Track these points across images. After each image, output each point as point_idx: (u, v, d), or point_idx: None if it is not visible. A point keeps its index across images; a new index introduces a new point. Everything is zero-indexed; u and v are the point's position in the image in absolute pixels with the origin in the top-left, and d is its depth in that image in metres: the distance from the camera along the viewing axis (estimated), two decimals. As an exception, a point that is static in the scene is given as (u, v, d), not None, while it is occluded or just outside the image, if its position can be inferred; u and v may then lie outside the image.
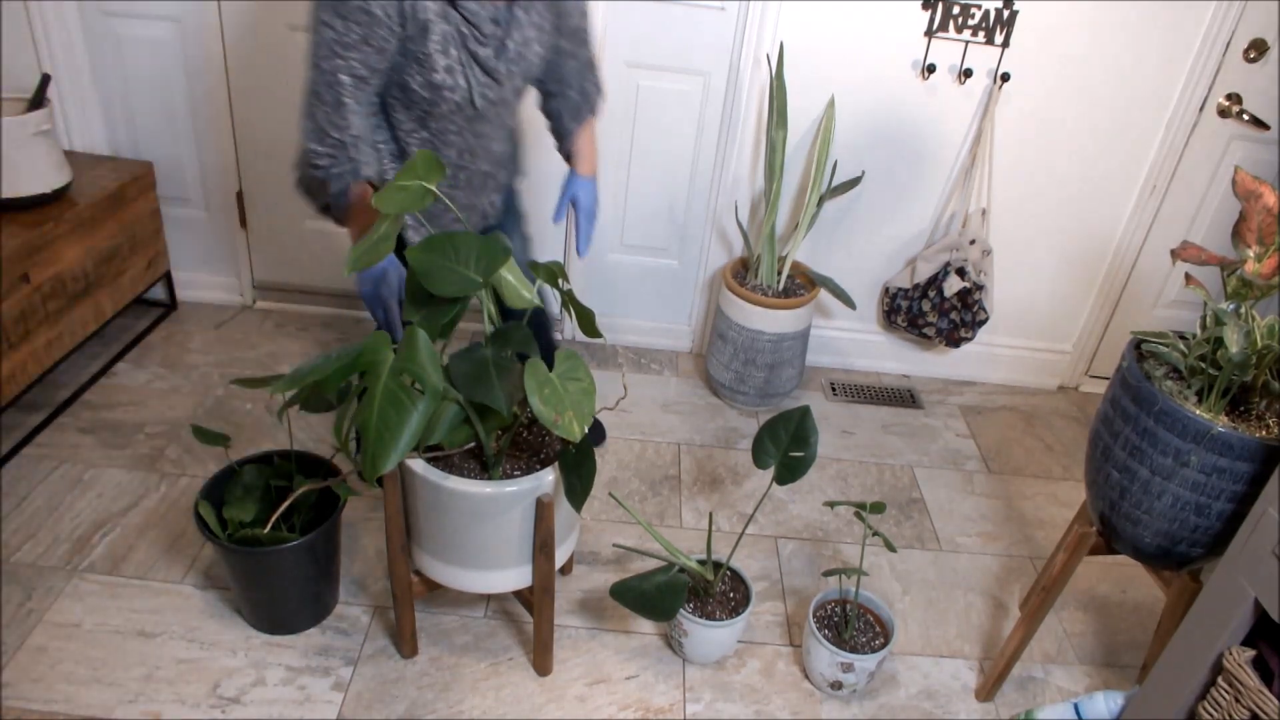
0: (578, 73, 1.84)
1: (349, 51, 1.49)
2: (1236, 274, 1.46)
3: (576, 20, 1.78)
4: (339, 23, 1.47)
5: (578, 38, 1.80)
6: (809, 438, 1.73)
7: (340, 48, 1.48)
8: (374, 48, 1.50)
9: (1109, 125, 2.59)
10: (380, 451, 1.32)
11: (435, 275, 1.43)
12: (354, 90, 1.52)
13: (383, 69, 1.54)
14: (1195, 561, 1.54)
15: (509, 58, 1.65)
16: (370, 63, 1.51)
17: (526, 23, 1.66)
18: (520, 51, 1.66)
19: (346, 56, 1.49)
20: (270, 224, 2.79)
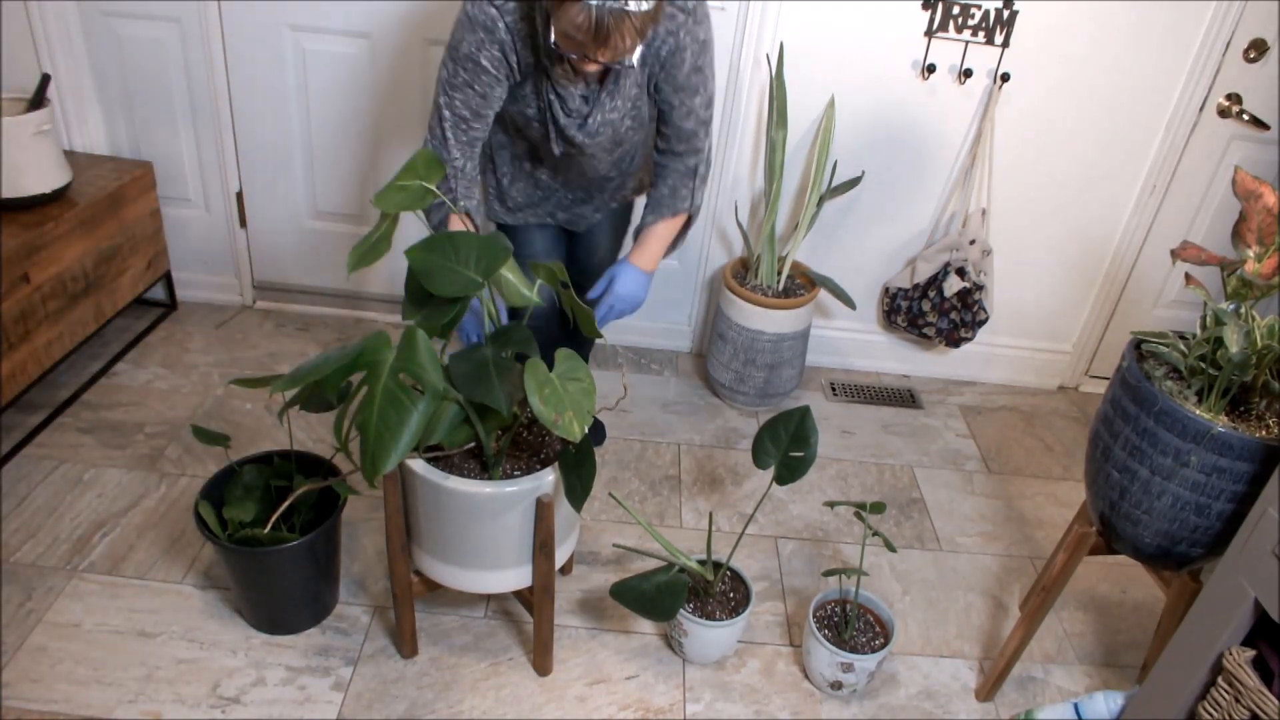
0: (676, 173, 1.84)
1: (455, 92, 1.64)
2: (1236, 274, 1.46)
3: (681, 122, 1.77)
4: (451, 65, 1.63)
5: (682, 138, 1.79)
6: (809, 438, 1.73)
7: (449, 87, 1.64)
8: (477, 92, 1.64)
9: (1109, 125, 2.59)
10: (380, 452, 1.32)
11: (435, 275, 1.43)
12: (454, 127, 1.66)
13: (487, 114, 1.68)
14: (1195, 561, 1.54)
15: (589, 131, 1.72)
16: (473, 105, 1.65)
17: (610, 106, 1.70)
18: (600, 129, 1.72)
19: (452, 95, 1.64)
20: (270, 224, 2.80)
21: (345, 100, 2.58)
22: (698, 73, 1.70)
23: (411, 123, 2.62)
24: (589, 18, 1.40)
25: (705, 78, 1.72)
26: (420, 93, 2.57)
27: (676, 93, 1.72)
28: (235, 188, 2.73)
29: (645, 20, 1.44)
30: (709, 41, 1.70)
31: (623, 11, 1.40)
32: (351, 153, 2.67)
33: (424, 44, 2.50)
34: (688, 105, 1.74)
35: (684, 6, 1.63)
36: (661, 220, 1.87)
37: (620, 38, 1.43)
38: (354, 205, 2.75)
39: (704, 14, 1.67)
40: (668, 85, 1.70)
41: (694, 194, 1.87)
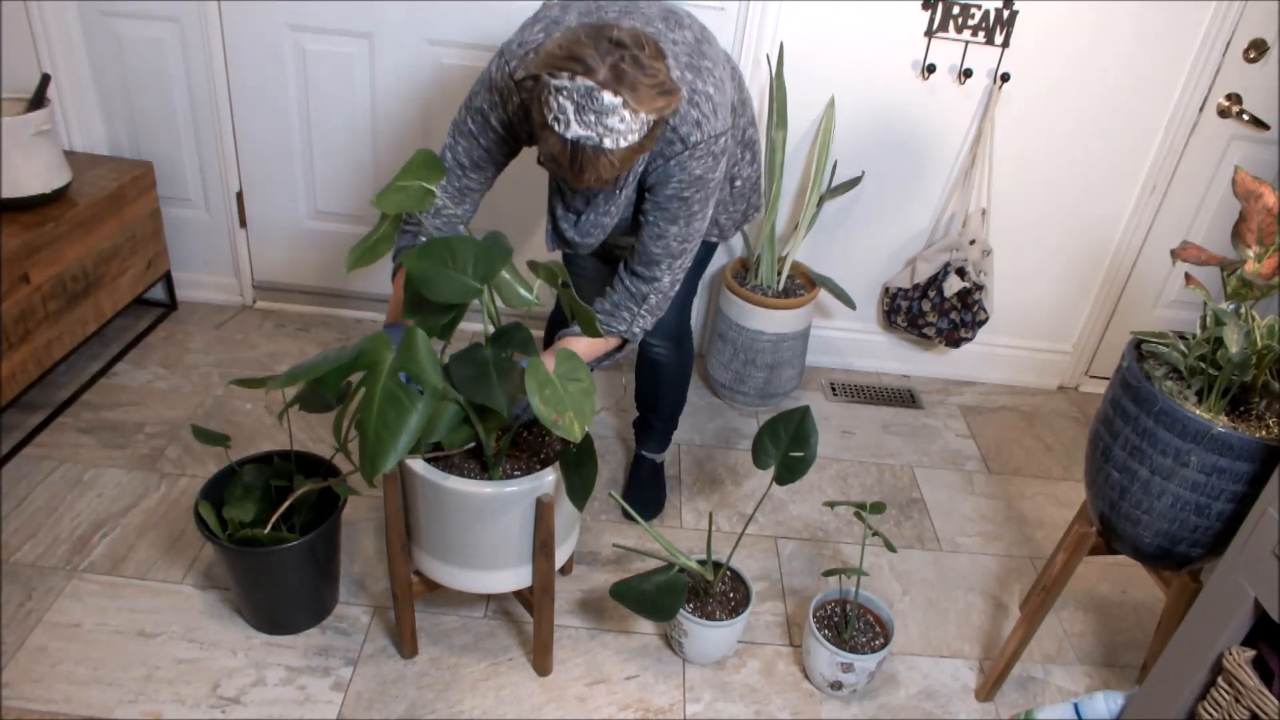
0: (625, 292, 1.70)
1: (460, 139, 1.64)
2: (1236, 274, 1.46)
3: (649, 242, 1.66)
4: (463, 111, 1.63)
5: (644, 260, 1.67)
6: (809, 438, 1.73)
7: (456, 131, 1.64)
8: (481, 146, 1.63)
9: (1109, 125, 2.59)
10: (379, 452, 1.32)
11: (433, 282, 1.42)
12: (450, 171, 1.65)
13: (487, 169, 1.67)
14: (1195, 561, 1.54)
15: (581, 229, 1.68)
16: (474, 155, 1.64)
17: (604, 210, 1.65)
18: (591, 230, 1.67)
19: (457, 140, 1.64)
20: (270, 224, 2.80)
21: (345, 100, 2.58)
22: (680, 202, 1.60)
23: (411, 123, 2.62)
24: (565, 150, 1.35)
25: (691, 211, 1.61)
26: (420, 93, 2.57)
27: (654, 209, 1.62)
28: (235, 188, 2.73)
29: (626, 155, 1.37)
30: (706, 180, 1.59)
31: (598, 148, 1.34)
32: (351, 153, 2.67)
33: (424, 44, 2.50)
34: (660, 228, 1.63)
35: (685, 139, 1.54)
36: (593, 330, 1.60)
37: (596, 171, 1.38)
38: (354, 205, 2.75)
39: (706, 151, 1.56)
40: (649, 199, 1.63)
41: (634, 320, 1.71)
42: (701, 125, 1.54)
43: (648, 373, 2.15)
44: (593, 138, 1.33)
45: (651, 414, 2.23)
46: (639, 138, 1.36)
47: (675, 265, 1.68)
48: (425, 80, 2.55)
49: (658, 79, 1.35)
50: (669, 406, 2.22)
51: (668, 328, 2.02)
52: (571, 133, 1.33)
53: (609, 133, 1.33)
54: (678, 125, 1.53)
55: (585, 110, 1.31)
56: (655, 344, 2.07)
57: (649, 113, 1.35)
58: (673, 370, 2.12)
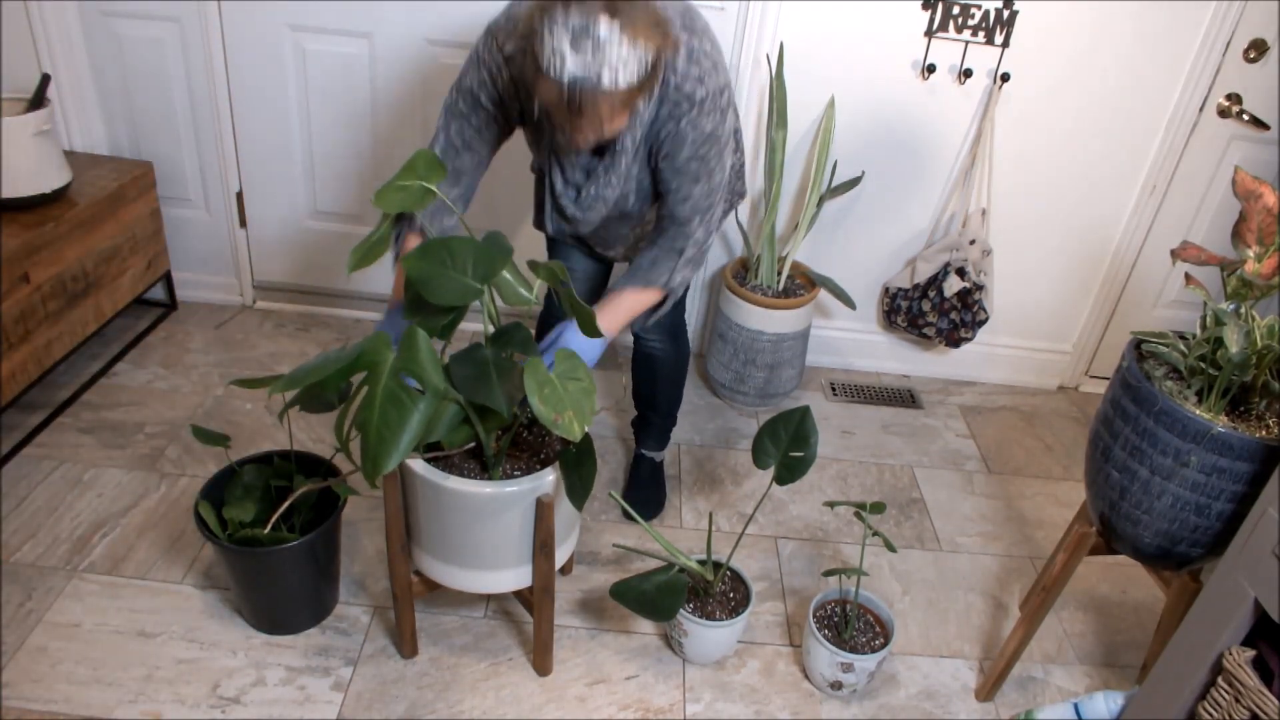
0: (661, 248, 1.71)
1: (452, 120, 1.63)
2: (1236, 274, 1.46)
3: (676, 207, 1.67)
4: (454, 93, 1.62)
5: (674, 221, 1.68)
6: (809, 438, 1.73)
7: (448, 113, 1.64)
8: (472, 126, 1.62)
9: (1109, 125, 2.59)
10: (381, 452, 1.32)
11: (433, 284, 1.42)
12: (444, 153, 1.64)
13: (480, 150, 1.65)
14: (1195, 561, 1.54)
15: (582, 204, 1.68)
16: (465, 136, 1.63)
17: (605, 183, 1.65)
18: (594, 204, 1.68)
19: (449, 122, 1.64)
20: (270, 224, 2.80)
21: (345, 100, 2.58)
22: (699, 161, 1.61)
23: (411, 123, 2.62)
24: (561, 93, 1.32)
25: (710, 167, 1.63)
26: (420, 93, 2.57)
27: (675, 176, 1.63)
28: (235, 188, 2.73)
29: (626, 97, 1.35)
30: (717, 135, 1.60)
31: (596, 87, 1.31)
32: (351, 153, 2.67)
33: (424, 44, 2.50)
34: (685, 191, 1.64)
35: (691, 96, 1.54)
36: (631, 289, 1.71)
37: (596, 114, 1.35)
38: (354, 205, 2.75)
39: (713, 106, 1.57)
40: (667, 166, 1.63)
41: (674, 273, 1.73)
42: (704, 81, 1.54)
43: (644, 369, 2.15)
44: (590, 77, 1.30)
45: (650, 411, 2.24)
46: (637, 77, 1.33)
47: (706, 218, 1.70)
48: (425, 80, 2.55)
49: (651, 14, 1.34)
50: (666, 402, 2.23)
51: (663, 323, 2.02)
52: (568, 72, 1.30)
53: (607, 67, 1.30)
54: (681, 84, 1.53)
55: (581, 42, 1.28)
56: (651, 339, 2.07)
57: (646, 44, 1.32)
58: (669, 365, 2.13)
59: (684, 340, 2.13)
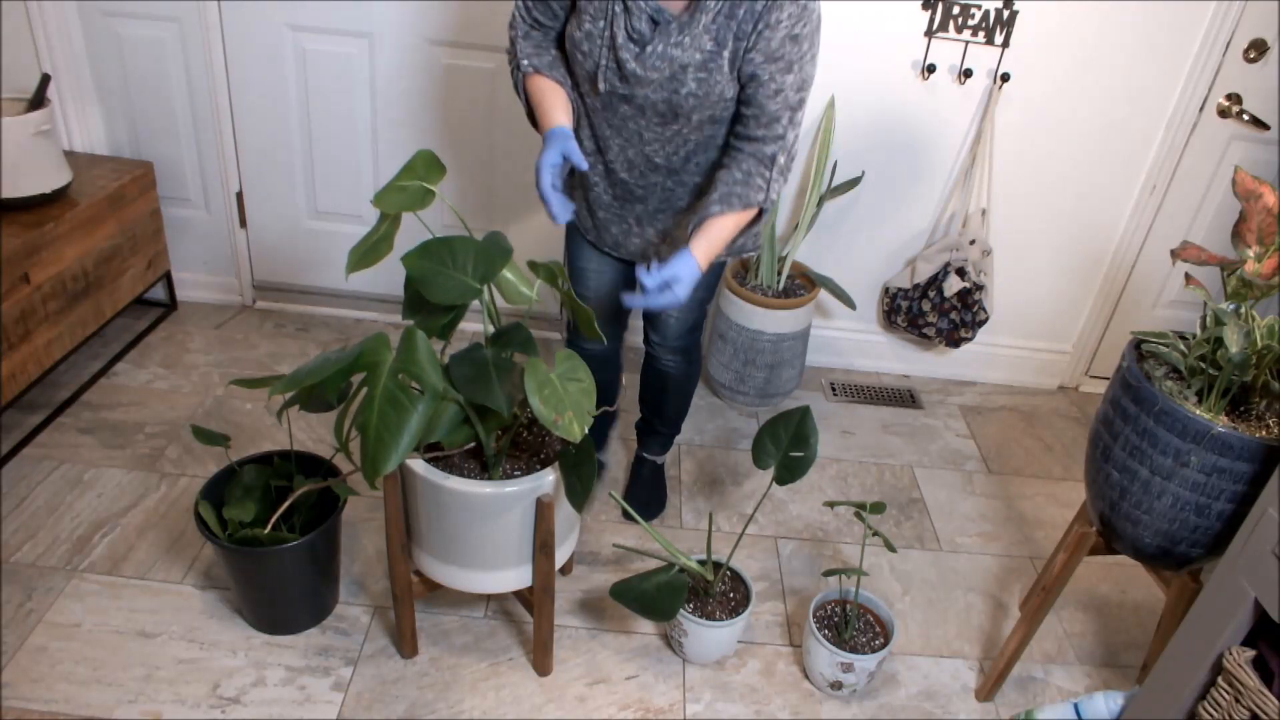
0: (752, 159, 1.59)
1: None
2: (1236, 274, 1.46)
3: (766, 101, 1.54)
4: None
5: (764, 120, 1.56)
6: (809, 438, 1.73)
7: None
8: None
9: (1109, 125, 2.59)
10: (380, 453, 1.32)
11: (432, 283, 1.42)
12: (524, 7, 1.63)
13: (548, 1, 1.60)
14: (1195, 561, 1.54)
15: (645, 60, 1.52)
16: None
17: (676, 41, 1.50)
18: (658, 62, 1.51)
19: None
20: (270, 224, 2.80)
21: (345, 100, 2.58)
22: (794, 42, 1.48)
23: (411, 123, 2.62)
24: None
25: (802, 52, 1.50)
26: (420, 93, 2.57)
27: (766, 63, 1.49)
28: (235, 188, 2.73)
29: None
30: (811, 8, 1.48)
31: None
32: (351, 153, 2.67)
33: (424, 44, 2.50)
34: (777, 82, 1.51)
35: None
36: (730, 212, 1.59)
37: None
38: (354, 205, 2.75)
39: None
40: (757, 53, 1.48)
41: (769, 185, 1.60)
42: None
43: (654, 382, 2.13)
44: None
45: (655, 419, 2.23)
46: None
47: (796, 118, 1.58)
48: (425, 80, 2.55)
49: None
50: (673, 414, 2.21)
51: (677, 341, 2.00)
52: None
53: None
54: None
55: None
56: (664, 356, 2.04)
57: None
58: (680, 382, 2.11)
59: (697, 358, 2.10)
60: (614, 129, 1.66)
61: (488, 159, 2.65)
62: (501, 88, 2.54)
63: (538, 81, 1.63)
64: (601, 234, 1.85)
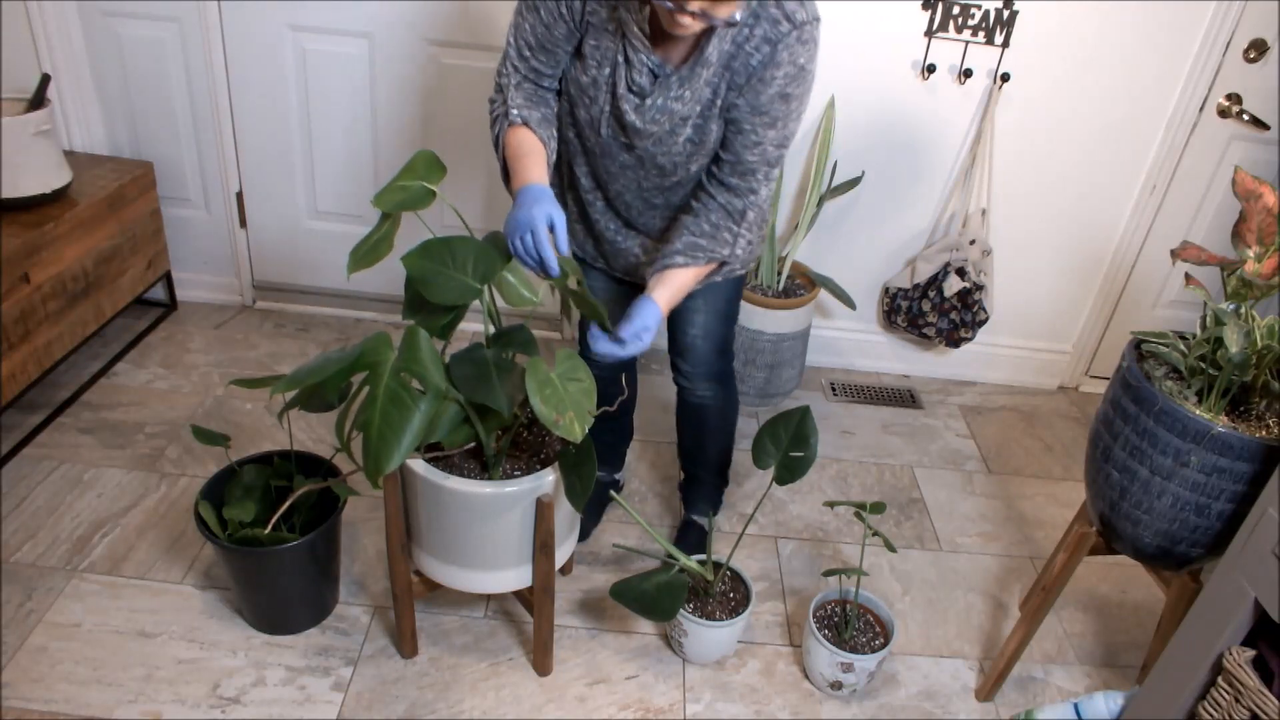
0: (720, 210, 1.56)
1: (527, 15, 1.51)
2: (1236, 274, 1.46)
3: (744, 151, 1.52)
4: None
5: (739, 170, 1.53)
6: (809, 438, 1.73)
7: (524, 8, 1.51)
8: (543, 22, 1.49)
9: (1109, 125, 2.59)
10: (383, 452, 1.32)
11: (432, 283, 1.42)
12: (518, 52, 1.54)
13: (555, 51, 1.52)
14: (1195, 561, 1.54)
15: (645, 113, 1.50)
16: (537, 34, 1.50)
17: (676, 95, 1.47)
18: (658, 116, 1.49)
19: (524, 19, 1.51)
20: (270, 224, 2.80)
21: (345, 100, 2.58)
22: (783, 100, 1.46)
23: (411, 123, 2.62)
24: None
25: (789, 111, 1.48)
26: (420, 93, 2.57)
27: (751, 114, 1.47)
28: (235, 188, 2.73)
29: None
30: (808, 71, 1.47)
31: None
32: (351, 153, 2.67)
33: (424, 44, 2.50)
34: (758, 134, 1.49)
35: (792, 16, 1.41)
36: (694, 266, 1.56)
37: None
38: (354, 205, 2.75)
39: (812, 37, 1.45)
40: (744, 102, 1.47)
41: (736, 240, 1.57)
42: (804, 4, 1.43)
43: (691, 421, 2.01)
44: None
45: (699, 469, 2.10)
46: None
47: (771, 174, 1.55)
48: (425, 80, 2.55)
49: None
50: (718, 456, 2.09)
51: (708, 369, 1.90)
52: None
53: None
54: (781, 1, 1.41)
55: None
56: (698, 387, 1.93)
57: None
58: (717, 415, 1.99)
59: (733, 387, 1.98)
60: (612, 174, 1.64)
61: (488, 159, 2.65)
62: (501, 88, 2.54)
63: (523, 135, 1.52)
64: (611, 261, 1.80)
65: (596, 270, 1.87)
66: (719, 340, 1.88)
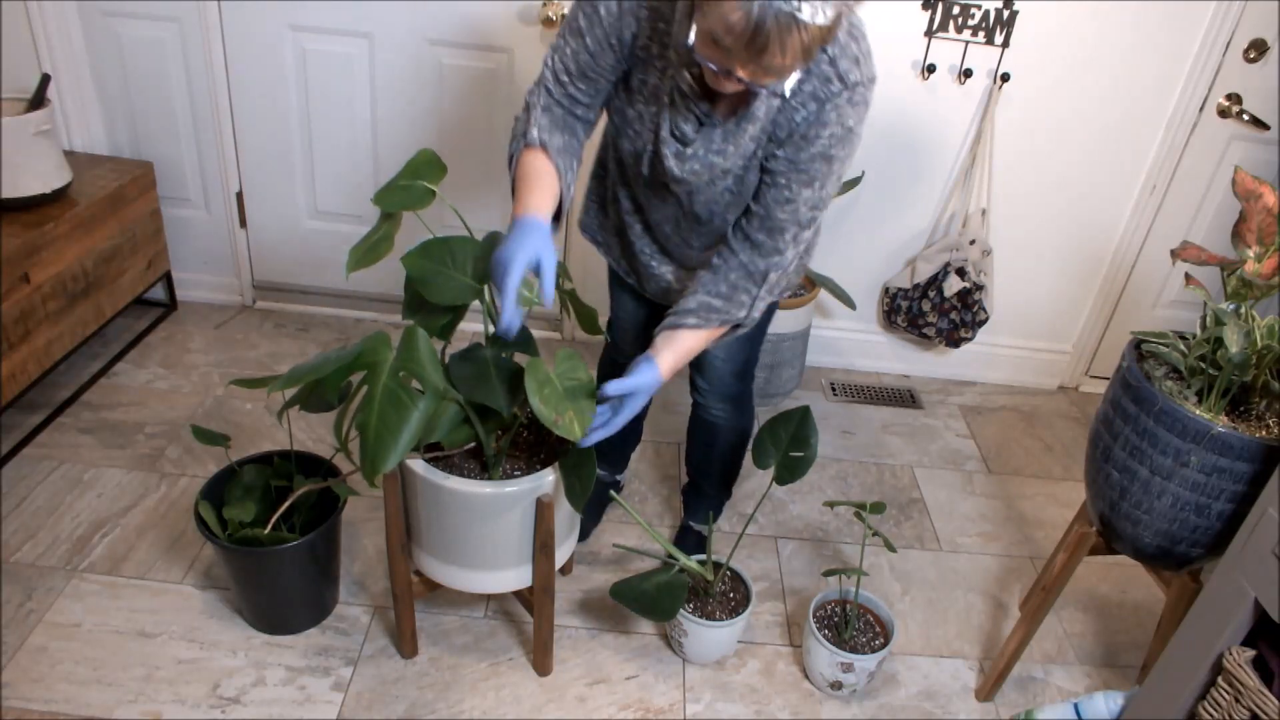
0: (741, 270, 1.47)
1: (570, 38, 1.41)
2: (1236, 274, 1.46)
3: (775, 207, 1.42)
4: (574, 8, 1.41)
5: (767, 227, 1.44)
6: (809, 438, 1.73)
7: (568, 31, 1.41)
8: (588, 50, 1.40)
9: (1109, 125, 2.59)
10: (380, 452, 1.32)
11: (432, 283, 1.42)
12: (554, 77, 1.44)
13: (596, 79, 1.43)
14: (1195, 561, 1.54)
15: (685, 162, 1.42)
16: (580, 60, 1.41)
17: (719, 149, 1.40)
18: (699, 169, 1.42)
19: (566, 41, 1.42)
20: (270, 224, 2.80)
21: (345, 100, 2.58)
22: (825, 161, 1.37)
23: (411, 123, 2.62)
24: (747, 19, 1.10)
25: (829, 172, 1.39)
26: (420, 93, 2.57)
27: (789, 170, 1.39)
28: (235, 188, 2.73)
29: (816, 38, 1.13)
30: (855, 134, 1.38)
31: (793, 18, 1.09)
32: (351, 153, 2.67)
33: (424, 44, 2.50)
34: (792, 191, 1.40)
35: (845, 76, 1.32)
36: (705, 329, 1.48)
37: (780, 51, 1.13)
38: (354, 205, 2.75)
39: (864, 99, 1.35)
40: (784, 154, 1.38)
41: (754, 304, 1.49)
42: (860, 64, 1.33)
43: (701, 435, 1.99)
44: (790, 3, 1.09)
45: (703, 480, 2.10)
46: (829, 22, 1.12)
47: (801, 236, 1.46)
48: (425, 80, 2.55)
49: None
50: (723, 473, 2.07)
51: (725, 390, 1.87)
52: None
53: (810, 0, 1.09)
54: (837, 58, 1.31)
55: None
56: (713, 405, 1.91)
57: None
58: (729, 434, 1.97)
59: (749, 409, 1.95)
60: (653, 205, 1.58)
61: (488, 159, 2.65)
62: (501, 87, 2.54)
63: (537, 160, 1.42)
64: (644, 282, 1.74)
65: (627, 290, 1.84)
66: (740, 363, 1.84)
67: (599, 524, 2.19)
